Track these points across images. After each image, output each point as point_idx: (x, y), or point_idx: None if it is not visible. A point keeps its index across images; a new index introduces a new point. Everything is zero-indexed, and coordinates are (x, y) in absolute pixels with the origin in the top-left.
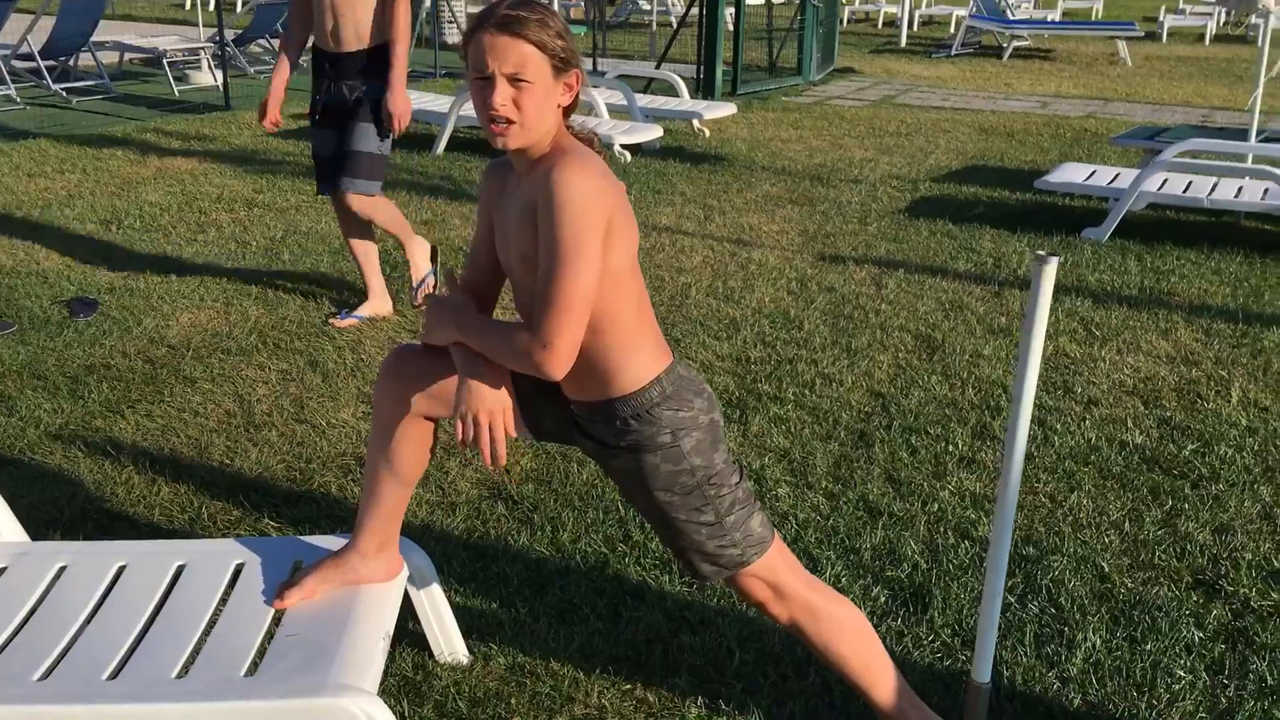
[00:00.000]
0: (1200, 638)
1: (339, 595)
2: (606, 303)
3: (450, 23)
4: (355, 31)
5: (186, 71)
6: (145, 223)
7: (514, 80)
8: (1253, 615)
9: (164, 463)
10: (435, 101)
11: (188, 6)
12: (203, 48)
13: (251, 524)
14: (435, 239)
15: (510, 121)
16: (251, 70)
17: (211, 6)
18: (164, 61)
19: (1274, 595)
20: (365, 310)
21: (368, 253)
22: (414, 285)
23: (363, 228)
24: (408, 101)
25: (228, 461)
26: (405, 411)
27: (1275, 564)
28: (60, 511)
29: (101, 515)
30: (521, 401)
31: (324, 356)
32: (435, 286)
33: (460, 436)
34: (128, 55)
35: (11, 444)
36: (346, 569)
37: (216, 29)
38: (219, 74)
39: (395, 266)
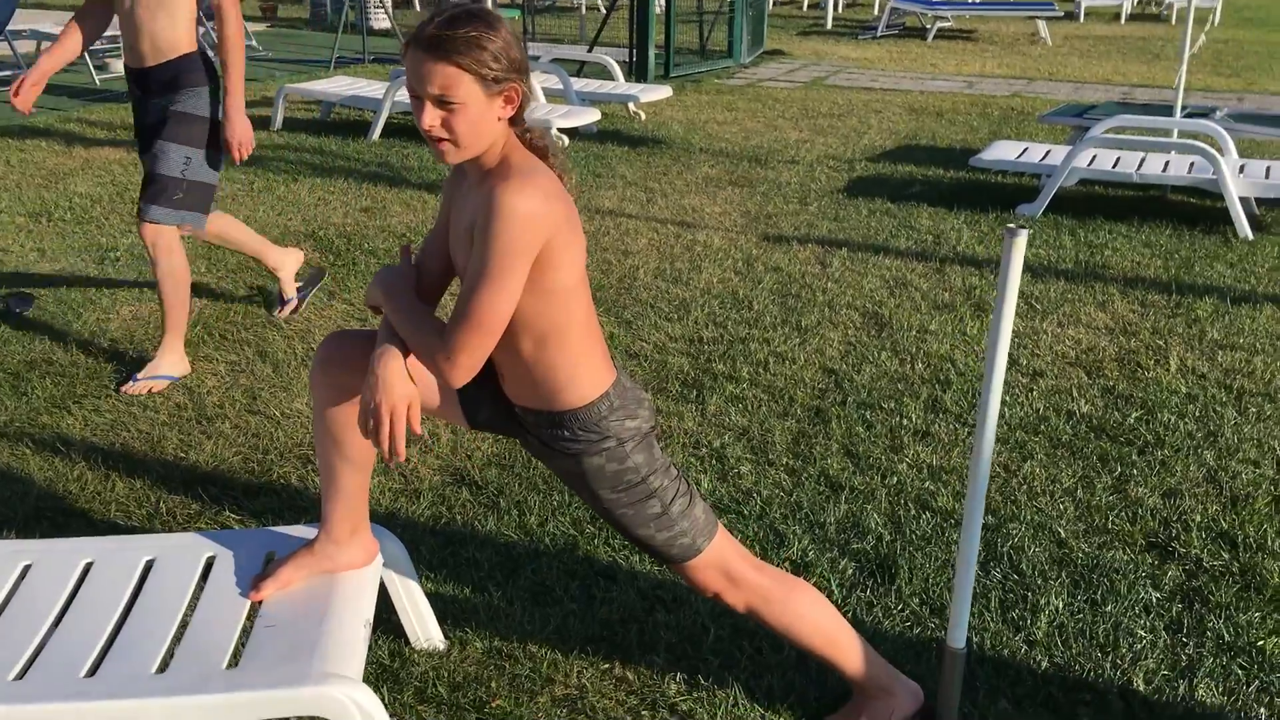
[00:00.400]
0: (1158, 598)
1: (315, 585)
2: (554, 320)
3: (377, 7)
4: (153, 44)
5: (106, 60)
6: (77, 215)
7: (441, 103)
8: (1206, 575)
9: (116, 458)
10: (369, 88)
11: None
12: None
13: (212, 517)
14: (374, 226)
15: (443, 140)
16: None
17: None
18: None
19: (1224, 555)
20: (287, 280)
21: (239, 238)
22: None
23: (225, 225)
24: (248, 126)
25: (182, 455)
26: (343, 398)
27: (1223, 525)
28: (13, 511)
29: (56, 513)
30: (459, 391)
31: (273, 347)
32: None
33: (361, 426)
34: (44, 44)
35: None
36: (322, 557)
37: None
38: None
39: (340, 254)
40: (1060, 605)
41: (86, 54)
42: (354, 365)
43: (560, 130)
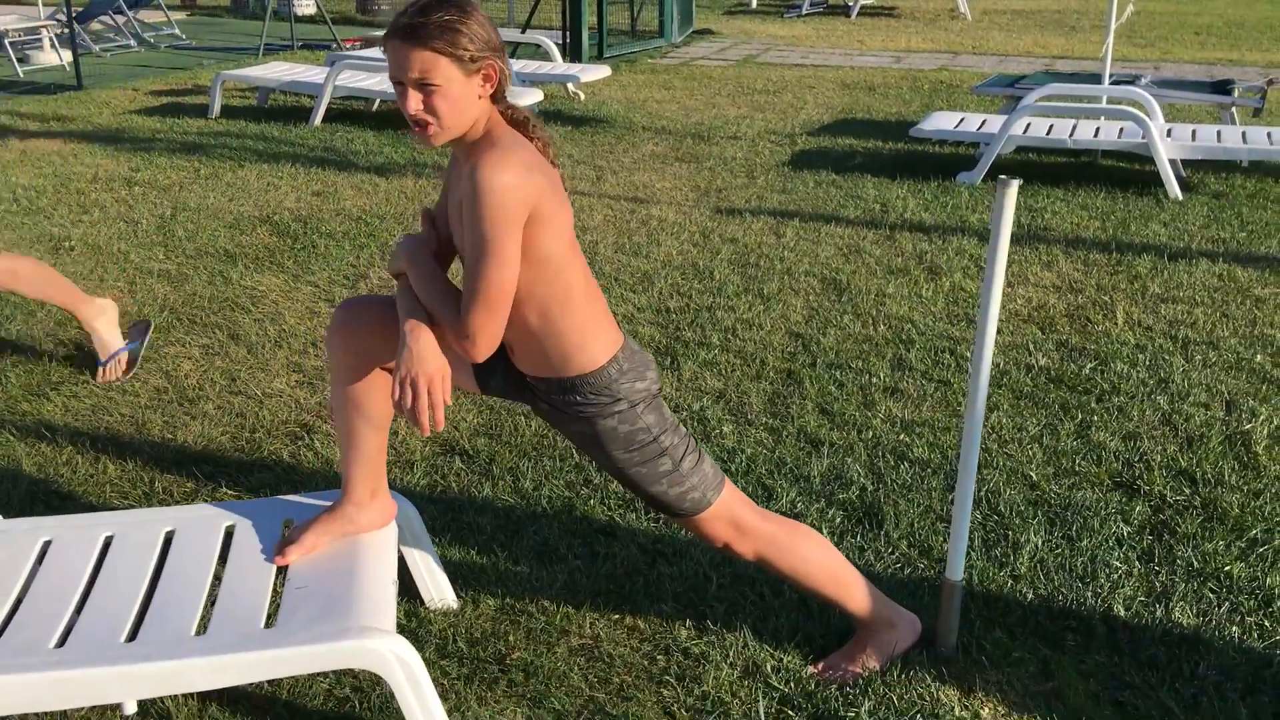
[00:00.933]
0: (1128, 532)
1: (339, 547)
2: (553, 288)
3: None
4: None
5: (28, 52)
6: (23, 205)
7: (422, 86)
8: (1170, 510)
9: (104, 441)
10: (309, 73)
11: None
12: (44, 26)
13: (209, 494)
14: (328, 210)
15: (428, 123)
16: (96, 48)
17: None
18: (5, 42)
19: (1185, 491)
20: (106, 335)
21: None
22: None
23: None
24: None
25: (170, 436)
26: (361, 361)
27: (1182, 464)
28: (6, 495)
29: (51, 496)
30: None
31: (244, 330)
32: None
33: (397, 400)
34: None
35: None
36: (345, 520)
37: (57, 7)
38: (65, 53)
39: (319, 247)
40: (1039, 542)
41: (8, 46)
42: (370, 330)
43: None
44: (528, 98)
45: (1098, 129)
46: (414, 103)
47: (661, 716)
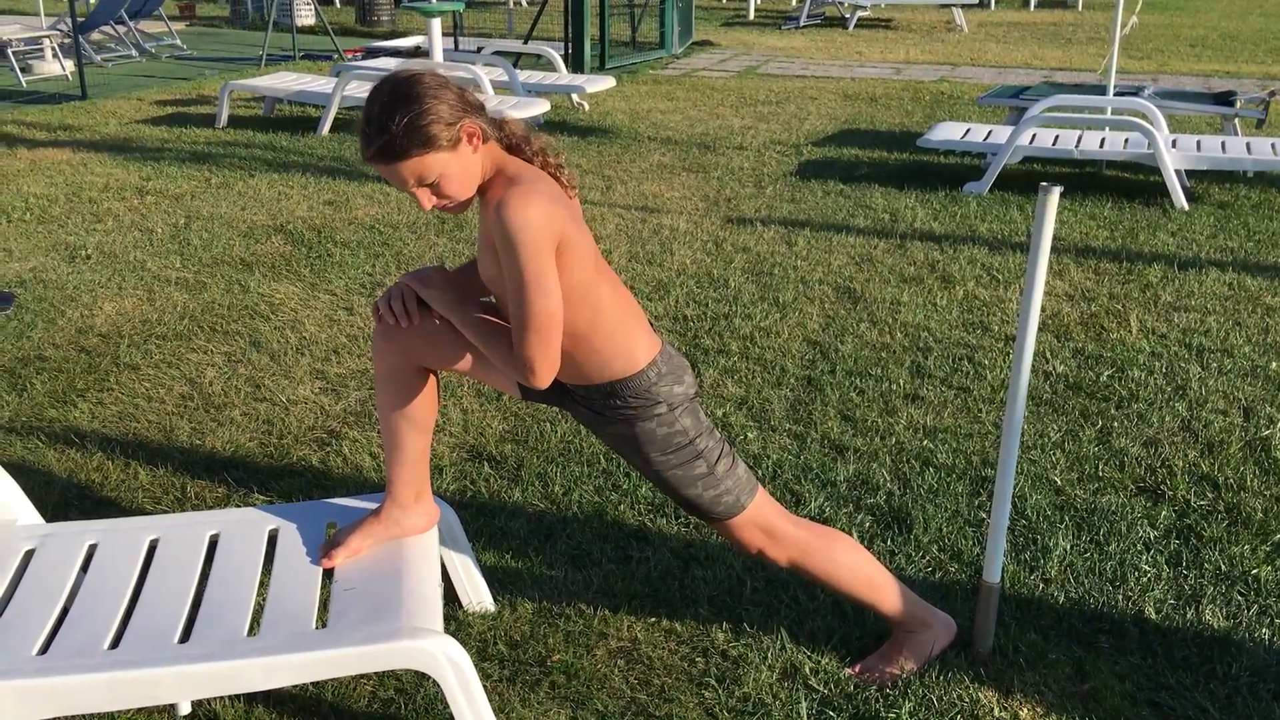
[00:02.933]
0: (1155, 536)
1: (384, 550)
2: (581, 315)
3: (307, 4)
4: None
5: (30, 61)
6: (36, 214)
7: (422, 184)
8: (1195, 515)
9: (133, 447)
10: (316, 83)
11: None
12: (47, 36)
13: (240, 499)
14: (340, 219)
15: (447, 205)
16: (99, 58)
17: None
18: (8, 52)
19: (1209, 496)
20: None
21: None
22: None
23: None
24: None
25: (198, 442)
26: (406, 362)
27: (1204, 469)
28: (41, 501)
29: (84, 501)
30: None
31: (265, 337)
32: None
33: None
34: None
35: None
36: (390, 522)
37: (58, 17)
38: (69, 63)
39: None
40: (1068, 546)
41: (11, 55)
42: (415, 332)
43: None
44: (535, 108)
45: (1103, 140)
46: (427, 201)
47: (704, 718)
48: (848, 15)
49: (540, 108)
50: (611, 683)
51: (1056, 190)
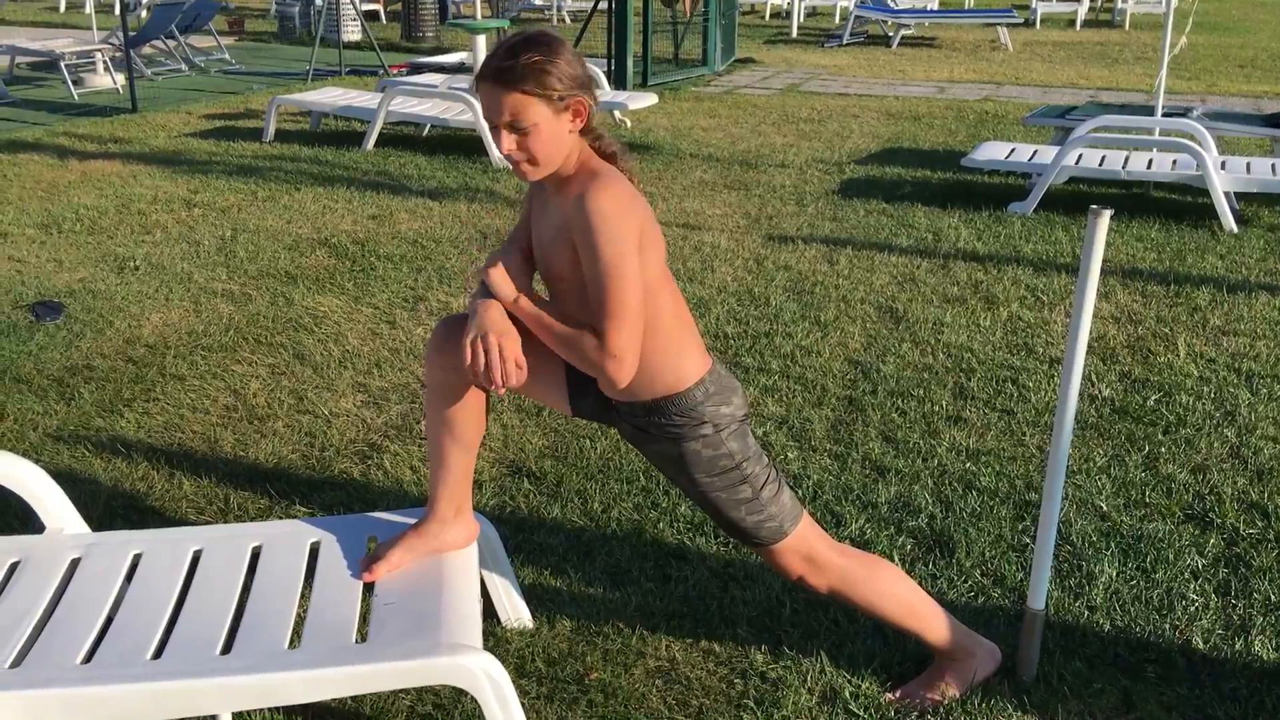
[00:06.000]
0: (1203, 564)
1: (423, 565)
2: (645, 313)
3: (354, 20)
4: None
5: (82, 74)
6: (86, 225)
7: (514, 127)
8: (1245, 543)
9: (177, 457)
10: (361, 98)
11: (62, 9)
12: (98, 50)
13: (283, 511)
14: (384, 233)
15: (523, 161)
16: (149, 72)
17: (117, 10)
18: (61, 65)
19: (1259, 524)
20: None
21: None
22: None
23: None
24: None
25: (241, 453)
26: (456, 379)
27: (1254, 496)
28: (87, 510)
29: (129, 511)
30: (567, 378)
31: (309, 350)
32: None
33: (469, 359)
34: (18, 59)
35: (13, 446)
36: (429, 537)
37: (110, 31)
38: (119, 76)
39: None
40: (1114, 573)
41: (64, 68)
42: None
43: None
44: None
45: (1150, 160)
46: (508, 143)
47: None
48: (891, 33)
49: None
50: (649, 702)
51: (1107, 213)
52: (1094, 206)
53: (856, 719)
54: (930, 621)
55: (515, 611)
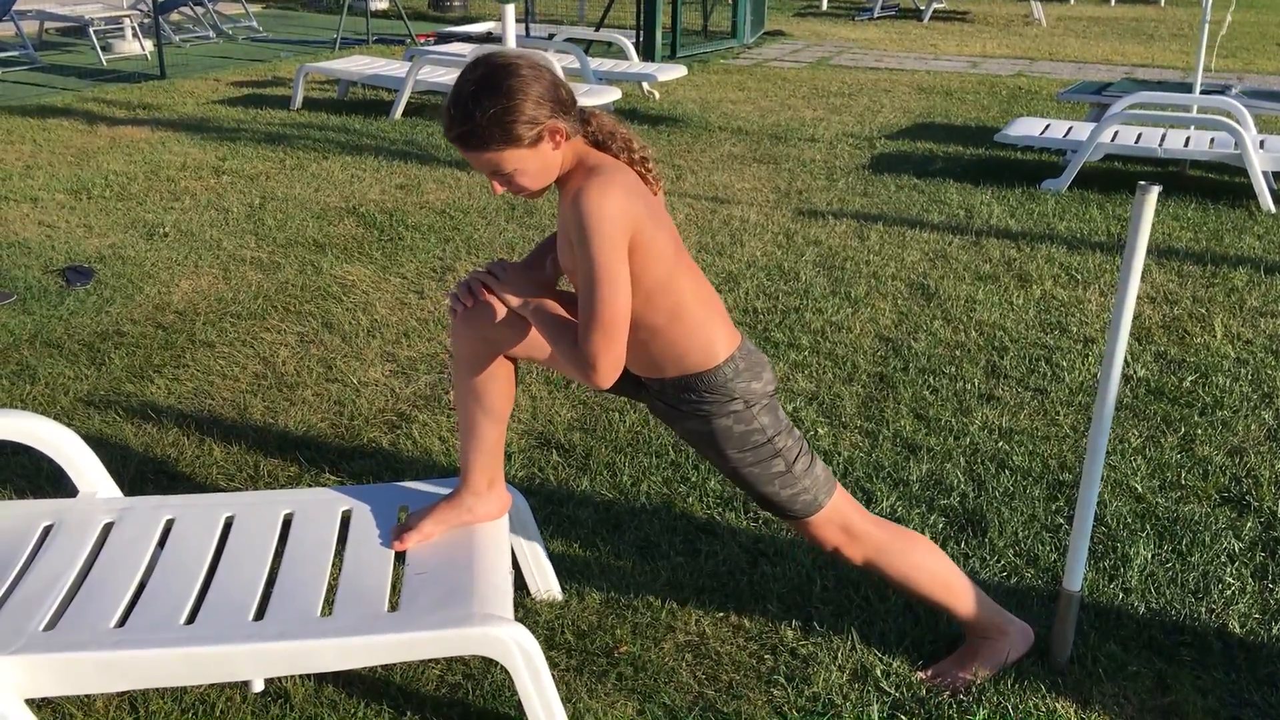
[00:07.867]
0: (1240, 547)
1: (455, 535)
2: (661, 307)
3: None
4: None
5: (110, 40)
6: (115, 191)
7: (497, 176)
8: None
9: (207, 423)
10: (389, 67)
11: None
12: (127, 15)
13: (312, 478)
14: (412, 203)
15: (519, 193)
16: (177, 38)
17: None
18: (89, 30)
19: None
20: None
21: None
22: None
23: None
24: None
25: (271, 420)
26: (484, 350)
27: None
28: (118, 475)
29: (160, 476)
30: None
31: (337, 319)
32: None
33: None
34: (47, 24)
35: (45, 410)
36: (462, 509)
37: None
38: (148, 43)
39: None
40: (1149, 555)
41: (92, 34)
42: (496, 319)
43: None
44: (605, 96)
45: (1188, 139)
46: (499, 188)
47: (772, 716)
48: (922, 7)
49: (611, 95)
50: (679, 677)
51: (1155, 189)
52: (1142, 183)
53: (888, 697)
54: (964, 597)
55: (545, 583)
